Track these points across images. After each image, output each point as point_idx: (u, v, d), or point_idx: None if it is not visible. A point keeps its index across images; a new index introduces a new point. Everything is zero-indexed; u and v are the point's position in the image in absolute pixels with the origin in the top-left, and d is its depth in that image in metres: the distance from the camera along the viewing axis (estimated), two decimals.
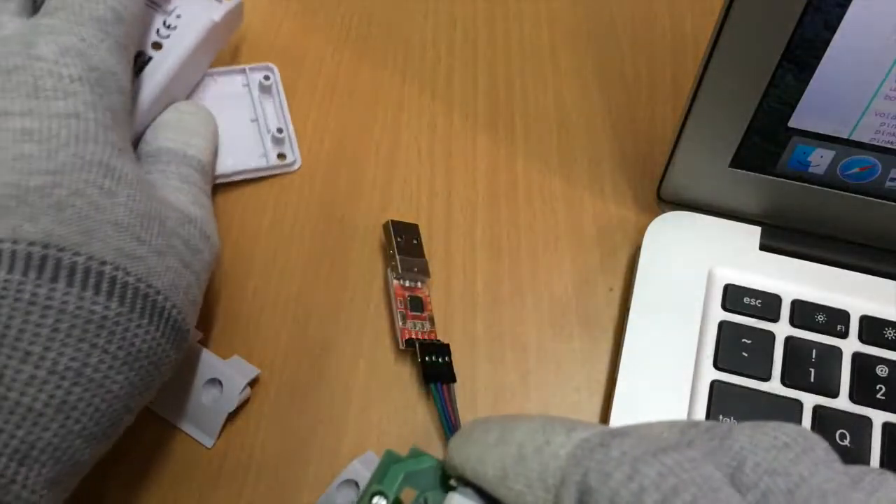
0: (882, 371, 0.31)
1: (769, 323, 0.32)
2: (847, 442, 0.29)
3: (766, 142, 0.31)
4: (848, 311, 0.32)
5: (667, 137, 0.39)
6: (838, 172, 0.31)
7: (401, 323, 0.32)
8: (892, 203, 0.32)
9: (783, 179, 0.32)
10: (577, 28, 0.43)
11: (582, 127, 0.39)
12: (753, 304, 0.32)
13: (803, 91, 0.28)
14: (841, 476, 0.15)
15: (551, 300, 0.34)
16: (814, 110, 0.29)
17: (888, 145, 0.30)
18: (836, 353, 0.31)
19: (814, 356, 0.31)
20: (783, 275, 0.33)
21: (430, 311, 0.33)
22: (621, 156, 0.38)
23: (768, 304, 0.32)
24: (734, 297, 0.32)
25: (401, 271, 0.33)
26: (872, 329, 0.31)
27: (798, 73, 0.28)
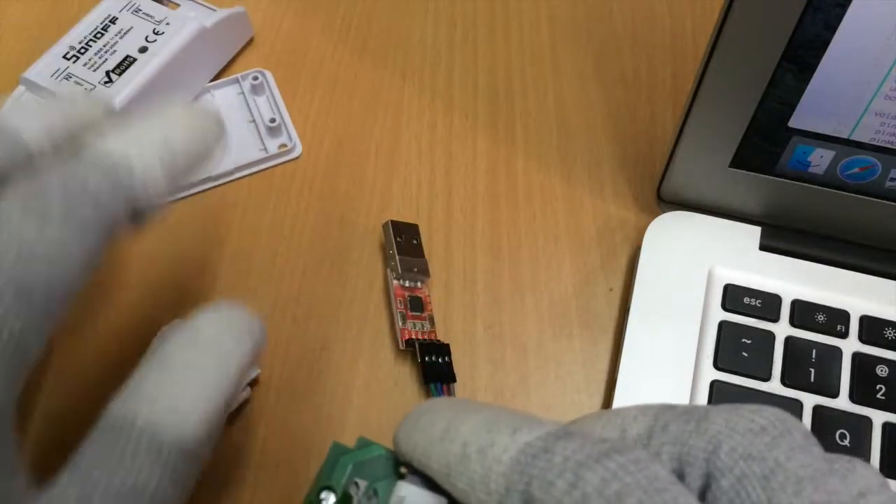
0: (882, 371, 0.31)
1: (769, 323, 0.32)
2: (847, 442, 0.29)
3: (766, 142, 0.31)
4: (848, 311, 0.32)
5: (667, 137, 0.39)
6: (838, 172, 0.31)
7: (401, 323, 0.32)
8: (892, 203, 0.32)
9: (783, 179, 0.32)
10: (577, 28, 0.43)
11: (582, 127, 0.39)
12: (753, 303, 0.32)
13: (803, 91, 0.28)
14: (818, 462, 0.15)
15: (551, 300, 0.34)
16: (814, 110, 0.29)
17: (888, 145, 0.30)
18: (836, 353, 0.31)
19: (814, 356, 0.31)
20: (783, 275, 0.33)
21: (430, 311, 0.33)
22: (621, 156, 0.38)
23: (768, 304, 0.32)
24: (734, 296, 0.32)
25: (401, 271, 0.33)
26: (872, 329, 0.31)
27: (798, 73, 0.28)
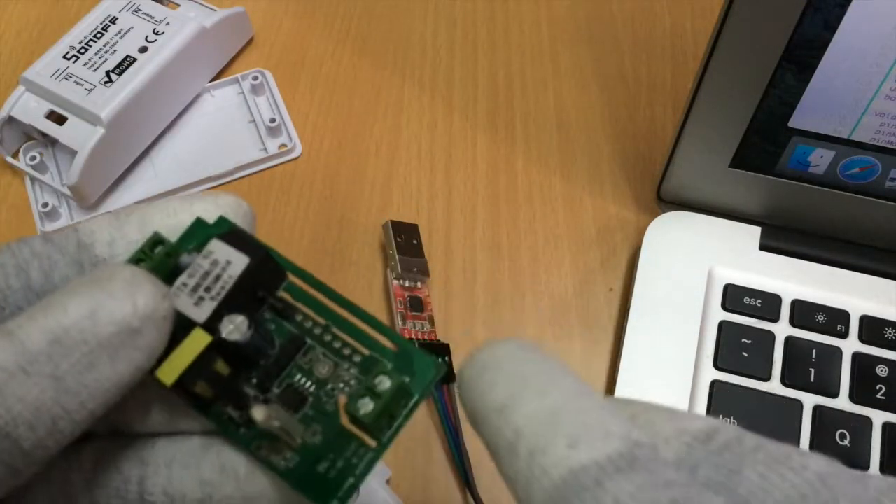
0: (882, 371, 0.31)
1: (769, 323, 0.32)
2: (847, 442, 0.29)
3: (766, 142, 0.31)
4: (848, 311, 0.32)
5: (667, 137, 0.39)
6: (838, 172, 0.31)
7: (401, 323, 0.32)
8: (892, 203, 0.32)
9: (783, 179, 0.32)
10: (577, 28, 0.43)
11: (582, 127, 0.39)
12: (753, 303, 0.32)
13: (803, 91, 0.28)
14: None
15: (551, 300, 0.34)
16: (814, 110, 0.29)
17: (888, 145, 0.30)
18: (836, 353, 0.31)
19: (814, 356, 0.31)
20: (783, 275, 0.33)
21: (430, 311, 0.33)
22: (621, 156, 0.38)
23: (768, 304, 0.32)
24: (734, 296, 0.32)
25: (400, 271, 0.33)
26: (872, 329, 0.31)
27: (798, 73, 0.28)
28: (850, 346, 0.31)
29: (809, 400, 0.30)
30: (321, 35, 0.42)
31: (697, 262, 0.33)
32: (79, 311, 0.15)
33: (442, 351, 0.32)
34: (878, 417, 0.30)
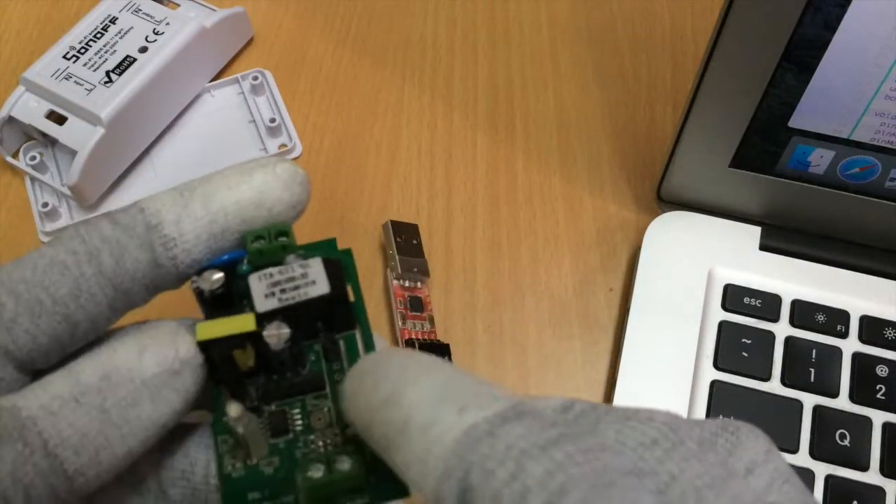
0: (882, 371, 0.31)
1: (769, 323, 0.32)
2: (847, 442, 0.29)
3: (766, 142, 0.31)
4: (848, 311, 0.32)
5: (667, 137, 0.39)
6: (838, 172, 0.31)
7: (400, 323, 0.32)
8: (892, 203, 0.32)
9: (783, 179, 0.32)
10: (577, 28, 0.43)
11: (582, 127, 0.39)
12: (753, 304, 0.32)
13: (803, 91, 0.28)
14: (715, 468, 0.14)
15: (551, 300, 0.34)
16: (814, 110, 0.29)
17: (888, 145, 0.30)
18: (836, 353, 0.31)
19: (814, 356, 0.31)
20: (783, 275, 0.33)
21: (430, 311, 0.33)
22: (621, 156, 0.38)
23: (768, 304, 0.32)
24: (734, 297, 0.32)
25: (400, 271, 0.33)
26: (872, 329, 0.31)
27: (798, 73, 0.28)
28: (850, 346, 0.31)
29: (809, 400, 0.30)
30: (321, 35, 0.42)
31: (697, 262, 0.33)
32: (128, 352, 0.17)
33: (442, 351, 0.32)
34: (878, 417, 0.30)
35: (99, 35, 0.37)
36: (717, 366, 0.31)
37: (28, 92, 0.36)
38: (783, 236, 0.34)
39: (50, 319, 0.17)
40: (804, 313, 0.32)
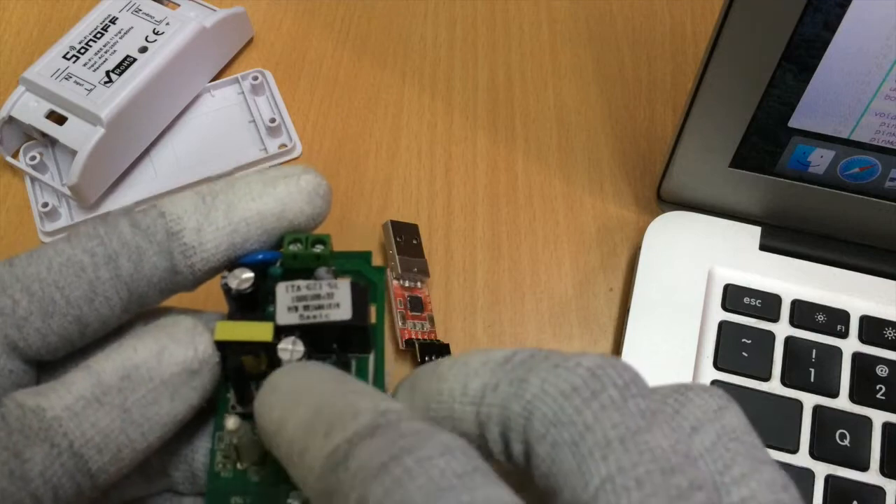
0: (882, 371, 0.31)
1: (769, 323, 0.32)
2: (847, 442, 0.29)
3: (766, 142, 0.31)
4: (848, 311, 0.32)
5: (667, 137, 0.39)
6: (838, 172, 0.31)
7: (400, 323, 0.32)
8: (892, 203, 0.32)
9: (783, 179, 0.32)
10: (577, 28, 0.43)
11: (582, 127, 0.39)
12: (753, 303, 0.32)
13: (803, 91, 0.28)
14: (632, 418, 0.14)
15: (551, 300, 0.34)
16: (814, 110, 0.29)
17: (888, 145, 0.30)
18: (836, 353, 0.31)
19: (814, 356, 0.31)
20: (783, 275, 0.33)
21: (430, 311, 0.33)
22: (621, 156, 0.38)
23: (768, 304, 0.32)
24: (734, 296, 0.32)
25: (400, 271, 0.33)
26: (872, 329, 0.31)
27: (798, 73, 0.28)
28: (850, 346, 0.31)
29: (809, 400, 0.30)
30: (321, 35, 0.42)
31: (697, 262, 0.33)
32: (147, 351, 0.17)
33: (442, 351, 0.32)
34: (878, 417, 0.30)
35: (99, 35, 0.37)
36: (716, 366, 0.31)
37: (28, 92, 0.36)
38: (783, 236, 0.34)
39: (62, 320, 0.17)
40: (804, 313, 0.32)
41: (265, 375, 0.18)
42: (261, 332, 0.17)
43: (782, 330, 0.32)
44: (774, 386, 0.31)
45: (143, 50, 0.37)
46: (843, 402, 0.30)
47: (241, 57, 0.41)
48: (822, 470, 0.29)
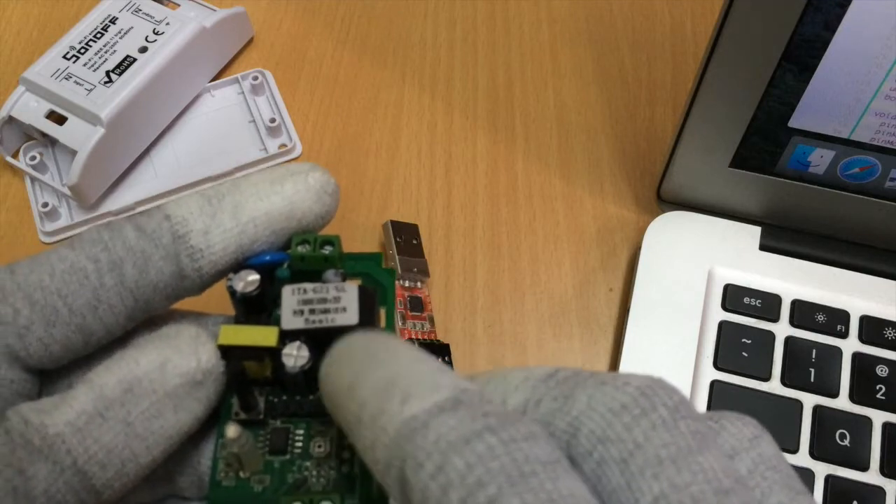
0: (882, 371, 0.31)
1: (769, 323, 0.32)
2: (847, 442, 0.29)
3: (766, 142, 0.31)
4: (848, 311, 0.32)
5: (667, 137, 0.39)
6: (838, 172, 0.31)
7: (400, 323, 0.32)
8: (892, 203, 0.32)
9: (783, 179, 0.32)
10: (577, 28, 0.43)
11: (582, 127, 0.39)
12: (753, 303, 0.32)
13: (803, 91, 0.28)
14: (683, 438, 0.14)
15: (551, 300, 0.34)
16: (814, 110, 0.29)
17: (888, 145, 0.30)
18: (836, 353, 0.31)
19: (814, 356, 0.31)
20: (783, 275, 0.33)
21: (430, 311, 0.33)
22: (621, 156, 0.38)
23: (768, 304, 0.32)
24: (734, 296, 0.32)
25: (400, 271, 0.33)
26: (872, 329, 0.31)
27: (798, 73, 0.28)
28: (850, 346, 0.31)
29: (809, 400, 0.30)
30: (321, 35, 0.42)
31: (697, 262, 0.33)
32: (150, 363, 0.16)
33: (442, 351, 0.32)
34: (878, 417, 0.30)
35: (99, 35, 0.37)
36: (716, 366, 0.31)
37: (28, 92, 0.36)
38: (783, 236, 0.34)
39: (65, 329, 0.17)
40: (804, 313, 0.32)
41: (269, 381, 0.18)
42: (265, 336, 0.17)
43: (782, 330, 0.32)
44: (774, 386, 0.31)
45: (143, 50, 0.37)
46: (843, 402, 0.30)
47: (241, 57, 0.41)
48: (822, 470, 0.29)
